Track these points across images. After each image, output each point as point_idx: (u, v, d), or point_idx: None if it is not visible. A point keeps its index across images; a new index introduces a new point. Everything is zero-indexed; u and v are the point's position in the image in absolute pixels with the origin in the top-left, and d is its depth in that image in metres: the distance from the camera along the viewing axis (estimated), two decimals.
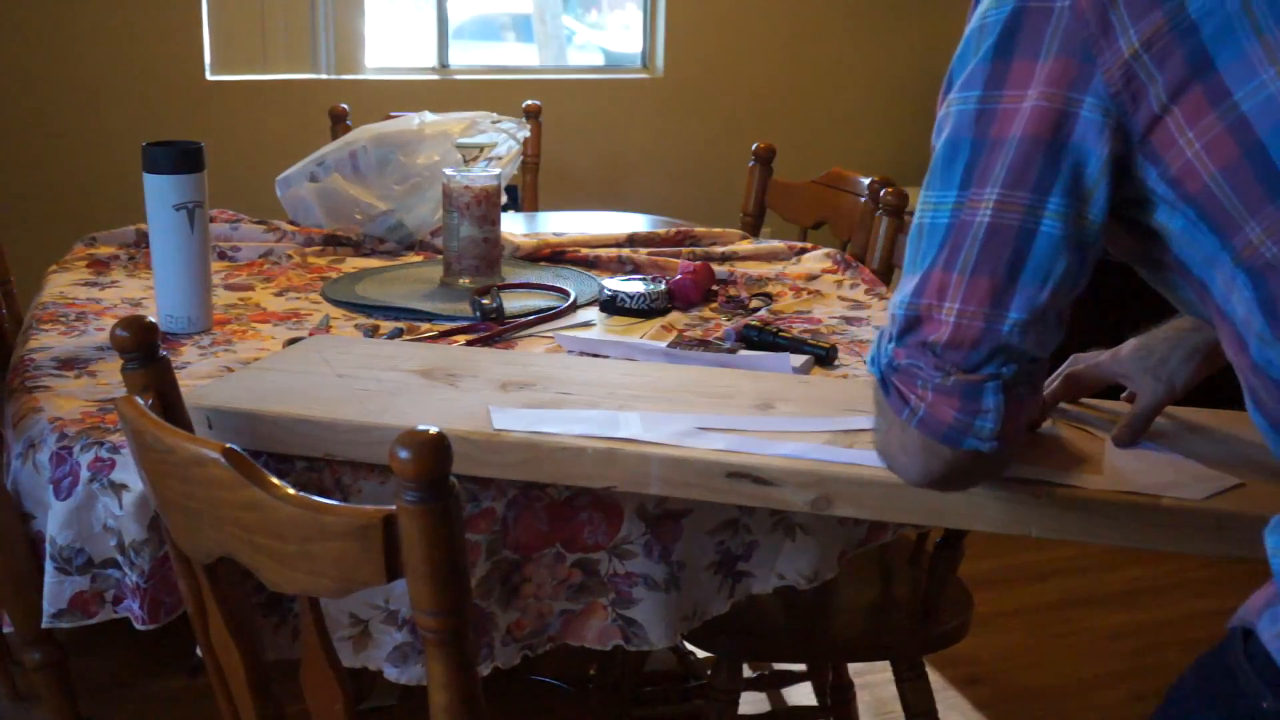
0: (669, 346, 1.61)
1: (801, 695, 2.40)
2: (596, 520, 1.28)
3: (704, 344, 1.62)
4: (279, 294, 1.87)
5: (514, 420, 1.24)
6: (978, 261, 0.95)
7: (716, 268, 1.97)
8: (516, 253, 2.10)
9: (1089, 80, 0.92)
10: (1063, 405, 1.30)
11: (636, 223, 2.55)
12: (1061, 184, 0.93)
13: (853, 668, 2.21)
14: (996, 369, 0.97)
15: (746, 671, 2.10)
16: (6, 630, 1.36)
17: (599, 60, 4.48)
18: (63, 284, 1.89)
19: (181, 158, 1.64)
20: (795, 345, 1.59)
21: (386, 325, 1.70)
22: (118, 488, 1.23)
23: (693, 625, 1.35)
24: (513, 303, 1.79)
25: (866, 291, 1.94)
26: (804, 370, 1.52)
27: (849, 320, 1.79)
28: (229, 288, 1.89)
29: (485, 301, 1.75)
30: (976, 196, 0.95)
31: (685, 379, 1.40)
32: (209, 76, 3.67)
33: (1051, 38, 0.93)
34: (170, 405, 1.16)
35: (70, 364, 1.50)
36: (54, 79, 3.50)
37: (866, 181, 2.26)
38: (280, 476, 0.99)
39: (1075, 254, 0.95)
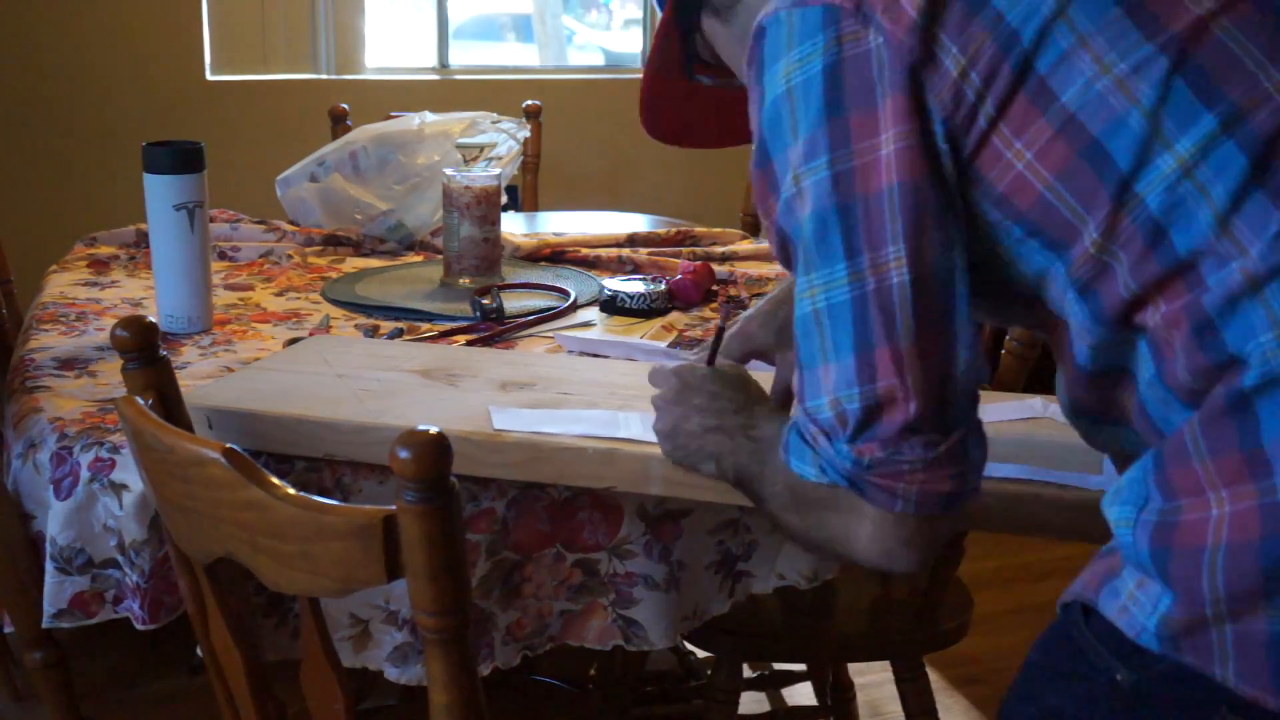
0: (669, 346, 1.61)
1: (801, 695, 2.40)
2: (596, 520, 1.28)
3: (704, 344, 1.62)
4: (279, 294, 1.87)
5: (514, 420, 1.24)
6: (918, 320, 0.89)
7: (716, 268, 1.97)
8: (516, 253, 2.10)
9: (927, 109, 0.89)
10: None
11: (636, 223, 2.55)
12: (951, 215, 0.90)
13: (853, 668, 2.21)
14: (968, 418, 0.93)
15: (746, 671, 2.10)
16: (7, 630, 1.36)
17: (599, 60, 4.48)
18: (63, 284, 1.89)
19: (181, 158, 1.64)
20: None
21: (386, 325, 1.70)
22: (118, 488, 1.23)
23: (693, 625, 1.35)
24: (513, 303, 1.79)
25: None
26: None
27: None
28: (229, 288, 1.89)
29: (485, 301, 1.75)
30: (880, 259, 0.89)
31: None
32: (209, 76, 3.67)
33: (879, 78, 0.89)
34: (170, 405, 1.16)
35: (70, 364, 1.50)
36: (54, 79, 3.50)
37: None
38: (280, 476, 0.99)
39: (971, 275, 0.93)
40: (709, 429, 1.10)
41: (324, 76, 3.81)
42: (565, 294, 1.84)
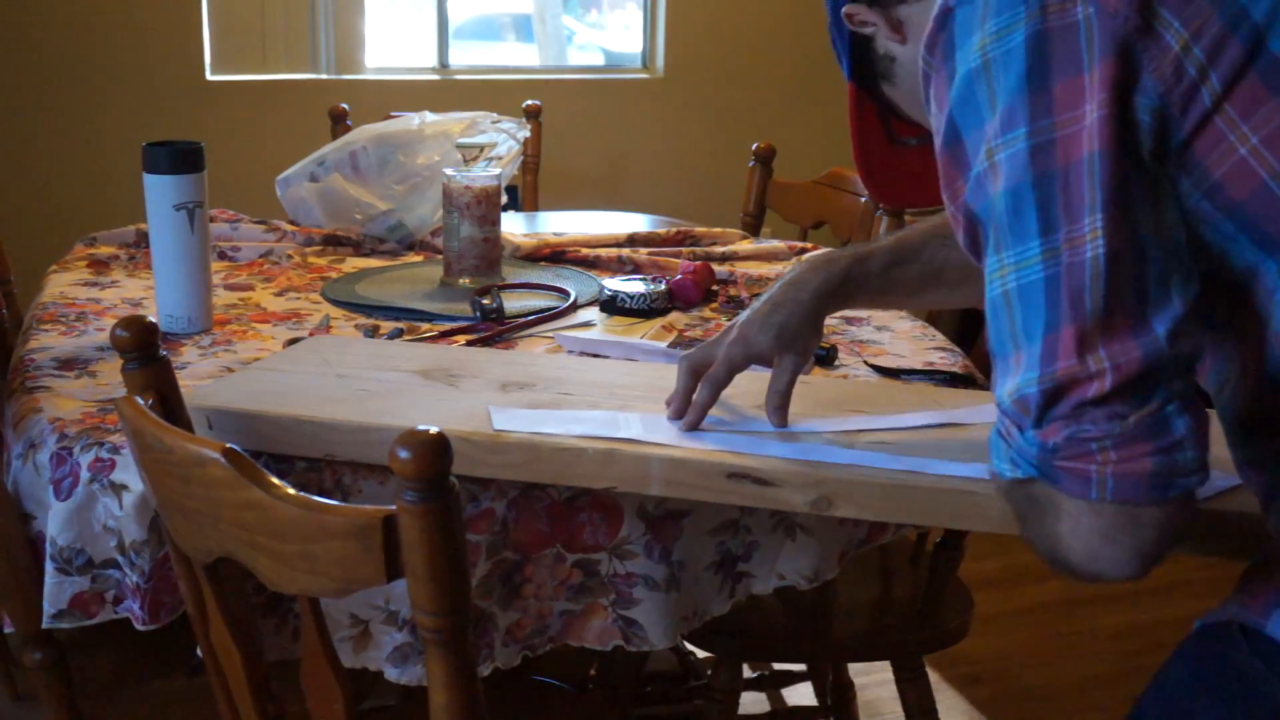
0: (669, 346, 1.60)
1: (801, 695, 2.40)
2: (597, 520, 1.28)
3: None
4: (279, 294, 1.87)
5: (514, 421, 1.24)
6: (1108, 296, 0.83)
7: (716, 268, 1.97)
8: (516, 253, 2.10)
9: (1138, 79, 0.84)
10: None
11: (636, 223, 2.55)
12: (1146, 190, 0.85)
13: (853, 668, 2.21)
14: (1169, 390, 0.84)
15: (746, 671, 2.10)
16: (7, 630, 1.36)
17: (599, 60, 4.48)
18: (63, 284, 1.89)
19: (181, 158, 1.64)
20: None
21: (387, 325, 1.70)
22: (118, 488, 1.23)
23: (693, 625, 1.35)
24: (513, 303, 1.79)
25: None
26: (805, 371, 1.52)
27: (849, 320, 1.79)
28: (229, 288, 1.89)
29: (485, 301, 1.75)
30: (1075, 233, 0.84)
31: None
32: (209, 76, 3.67)
33: (1088, 46, 0.84)
34: (170, 405, 1.16)
35: (70, 364, 1.50)
36: (54, 79, 3.50)
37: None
38: (280, 476, 0.99)
39: (1178, 249, 0.87)
40: None
41: (324, 76, 3.81)
42: (565, 294, 1.84)
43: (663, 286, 1.82)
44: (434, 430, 0.87)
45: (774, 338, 1.25)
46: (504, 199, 1.98)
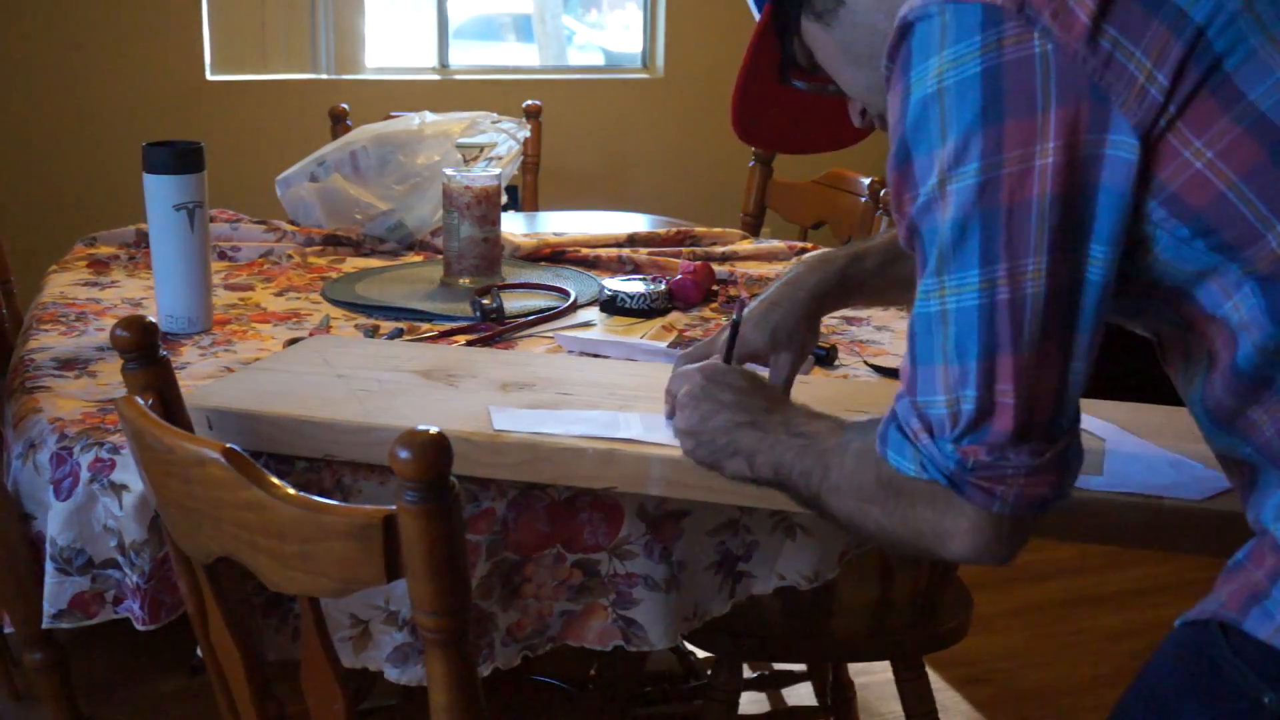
0: (669, 346, 1.60)
1: (801, 695, 2.40)
2: (597, 520, 1.28)
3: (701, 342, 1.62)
4: (279, 294, 1.87)
5: (514, 421, 1.24)
6: (1043, 332, 0.88)
7: (716, 268, 1.97)
8: (516, 253, 2.10)
9: (1106, 119, 0.85)
10: None
11: (636, 223, 2.55)
12: (1101, 231, 0.87)
13: (853, 668, 2.21)
14: (1073, 424, 0.92)
15: (746, 671, 2.10)
16: (7, 630, 1.36)
17: (599, 60, 4.48)
18: (63, 284, 1.89)
19: (181, 158, 1.64)
20: None
21: (387, 325, 1.70)
22: (118, 488, 1.23)
23: (693, 625, 1.35)
24: (513, 303, 1.79)
25: None
26: (804, 370, 1.52)
27: (849, 320, 1.79)
28: (229, 288, 1.89)
29: (485, 301, 1.75)
30: (1018, 269, 0.87)
31: None
32: (209, 76, 3.67)
33: (1044, 87, 0.85)
34: (170, 405, 1.16)
35: (70, 364, 1.50)
36: (54, 79, 3.50)
37: (866, 181, 2.26)
38: (280, 476, 0.99)
39: (1111, 282, 0.90)
40: (739, 424, 1.09)
41: (324, 76, 3.81)
42: (565, 294, 1.84)
43: (663, 286, 1.82)
44: (434, 430, 0.87)
45: (769, 336, 1.25)
46: (504, 199, 1.98)
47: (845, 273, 1.28)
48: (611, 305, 1.80)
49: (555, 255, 2.11)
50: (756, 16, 1.12)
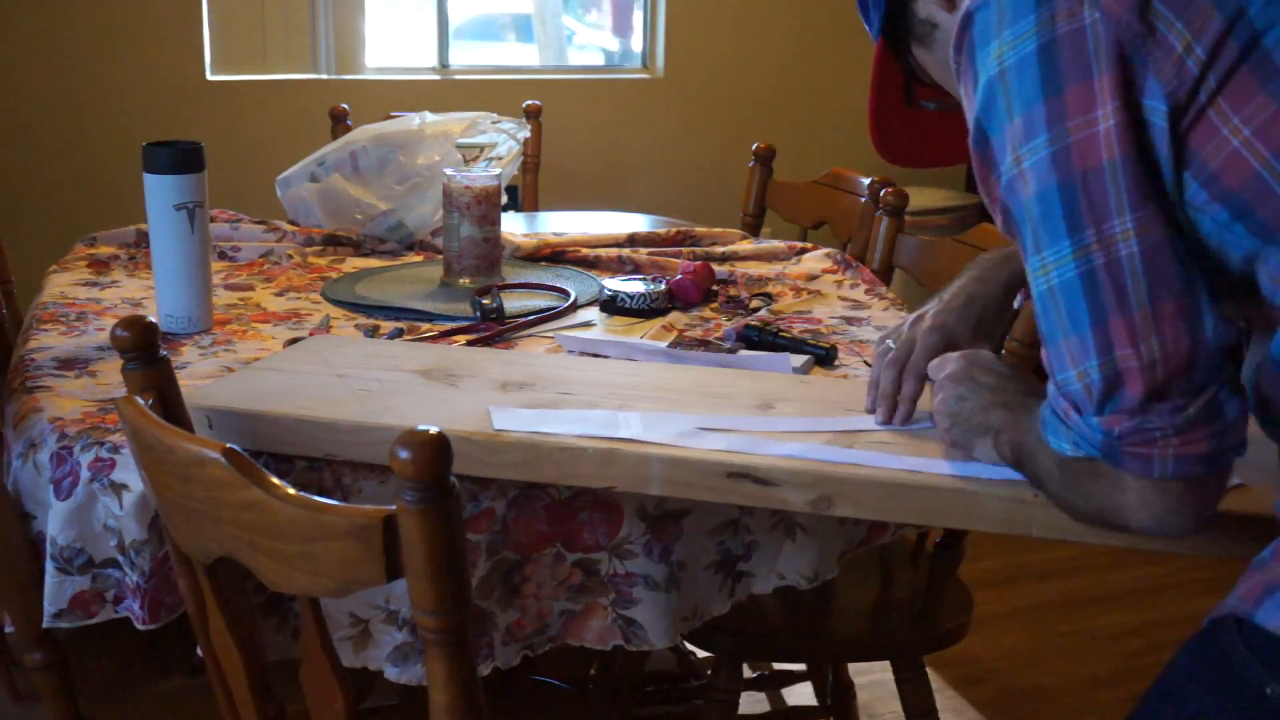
0: (669, 346, 1.61)
1: (801, 695, 2.40)
2: (596, 520, 1.28)
3: (704, 344, 1.62)
4: (279, 294, 1.87)
5: (514, 420, 1.24)
6: (1152, 289, 0.89)
7: (716, 268, 1.97)
8: (516, 253, 2.10)
9: (1144, 84, 0.89)
10: None
11: (636, 223, 2.55)
12: (1165, 189, 0.90)
13: (853, 668, 2.21)
14: (1220, 376, 0.91)
15: (746, 671, 2.10)
16: (7, 630, 1.36)
17: (599, 60, 4.48)
18: (63, 284, 1.89)
19: (181, 158, 1.64)
20: (795, 345, 1.59)
21: (387, 325, 1.70)
22: (118, 488, 1.23)
23: (693, 625, 1.35)
24: (513, 303, 1.79)
25: (866, 291, 1.94)
26: (804, 370, 1.52)
27: (849, 320, 1.79)
28: (229, 288, 1.89)
29: (485, 301, 1.75)
30: (1105, 233, 0.89)
31: (685, 379, 1.40)
32: (209, 76, 3.67)
33: (1096, 53, 0.89)
34: (170, 405, 1.16)
35: (70, 364, 1.50)
36: (54, 79, 3.50)
37: (866, 181, 2.26)
38: (280, 476, 0.99)
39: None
40: (994, 405, 1.10)
41: (324, 76, 3.81)
42: (565, 294, 1.84)
43: (663, 286, 1.82)
44: (434, 430, 0.87)
45: (972, 328, 1.28)
46: (504, 199, 1.98)
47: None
48: (611, 305, 1.80)
49: (555, 255, 2.11)
50: (874, 42, 1.19)
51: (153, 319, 1.17)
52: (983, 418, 1.11)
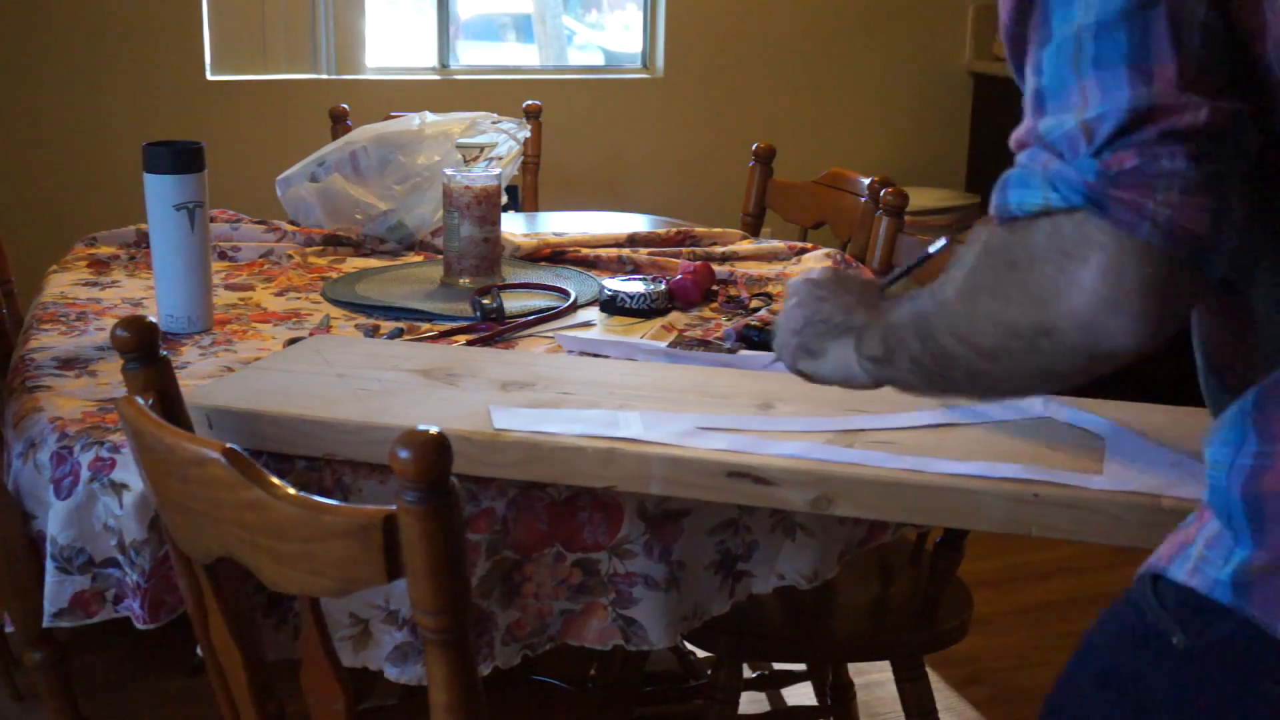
0: (669, 346, 1.61)
1: (801, 695, 2.40)
2: (597, 520, 1.28)
3: (704, 344, 1.62)
4: (279, 294, 1.87)
5: (514, 420, 1.24)
6: (1203, 59, 0.78)
7: (716, 268, 1.97)
8: (517, 253, 2.10)
9: None
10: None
11: (636, 223, 2.55)
12: None
13: (853, 668, 2.21)
14: (1243, 158, 0.79)
15: (746, 671, 2.10)
16: (7, 630, 1.36)
17: (599, 60, 4.48)
18: (63, 284, 1.89)
19: (181, 158, 1.64)
20: None
21: (387, 325, 1.70)
22: (118, 487, 1.23)
23: (693, 625, 1.35)
24: (513, 303, 1.79)
25: None
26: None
27: None
28: (229, 288, 1.89)
29: (485, 301, 1.75)
30: None
31: (685, 379, 1.40)
32: (209, 76, 3.67)
33: None
34: (170, 405, 1.16)
35: (71, 364, 1.50)
36: (54, 79, 3.50)
37: (866, 181, 2.26)
38: (280, 476, 0.99)
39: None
40: (856, 306, 1.02)
41: (324, 76, 3.81)
42: (565, 294, 1.84)
43: (663, 286, 1.82)
44: (434, 430, 0.87)
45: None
46: (504, 199, 1.98)
47: None
48: (611, 305, 1.80)
49: (555, 255, 2.11)
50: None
51: (153, 319, 1.17)
52: (843, 319, 1.02)
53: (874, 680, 2.42)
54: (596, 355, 1.58)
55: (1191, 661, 0.83)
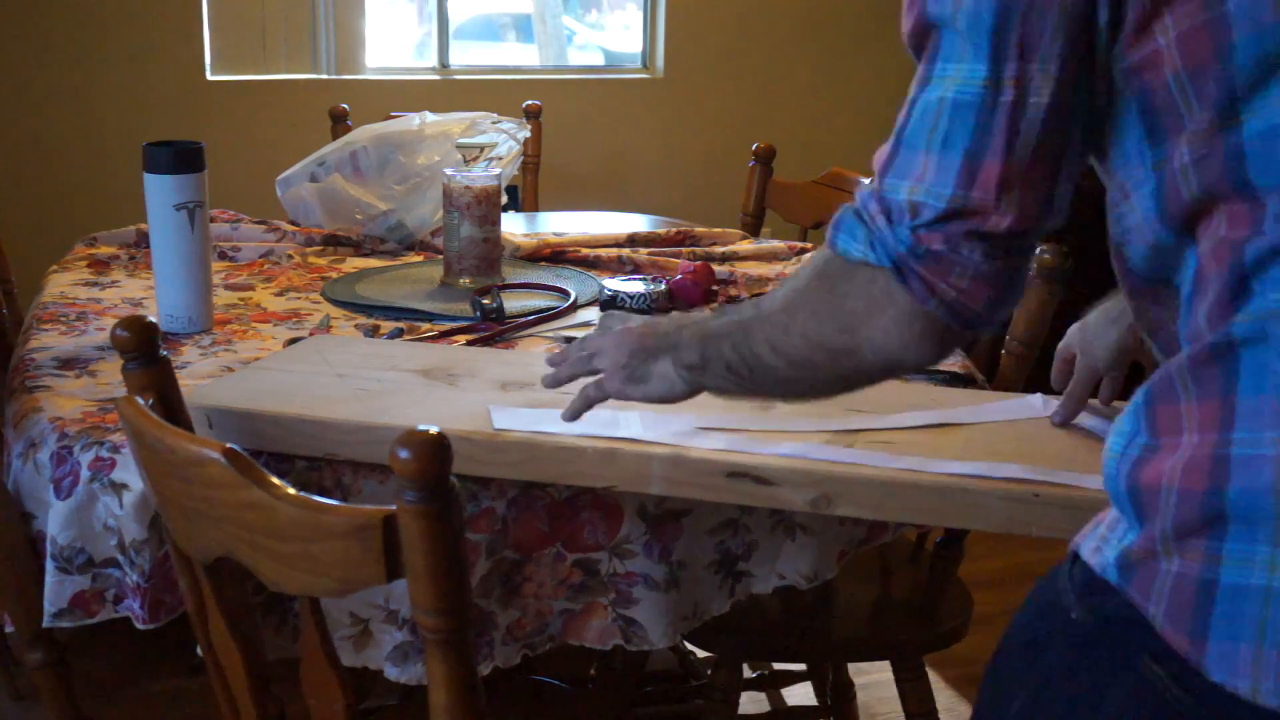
0: None
1: (801, 695, 2.40)
2: (596, 520, 1.28)
3: None
4: (279, 294, 1.87)
5: (514, 420, 1.24)
6: (1038, 147, 0.87)
7: (716, 268, 1.97)
8: (517, 253, 2.10)
9: None
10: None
11: (636, 223, 2.55)
12: (1093, 57, 0.87)
13: (853, 668, 2.21)
14: (1030, 250, 0.92)
15: (746, 671, 2.10)
16: (7, 630, 1.36)
17: (599, 60, 4.48)
18: (63, 284, 1.89)
19: (181, 158, 1.64)
20: None
21: (387, 325, 1.70)
22: (118, 487, 1.23)
23: (693, 625, 1.35)
24: (513, 303, 1.79)
25: None
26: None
27: None
28: (229, 288, 1.89)
29: (485, 301, 1.75)
30: (1027, 73, 0.86)
31: None
32: (209, 76, 3.67)
33: None
34: (170, 405, 1.16)
35: (71, 364, 1.50)
36: (54, 79, 3.50)
37: (866, 182, 2.25)
38: (280, 476, 0.99)
39: (1095, 121, 0.91)
40: (681, 327, 1.10)
41: (324, 76, 3.81)
42: (565, 294, 1.84)
43: (663, 286, 1.82)
44: (434, 430, 0.87)
45: (1109, 349, 1.29)
46: (504, 199, 1.98)
47: None
48: (611, 305, 1.80)
49: (555, 255, 2.11)
50: None
51: (153, 319, 1.17)
52: (660, 340, 1.10)
53: (874, 680, 2.42)
54: None
55: (1084, 636, 0.87)
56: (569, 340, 1.62)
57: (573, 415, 1.21)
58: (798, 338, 0.99)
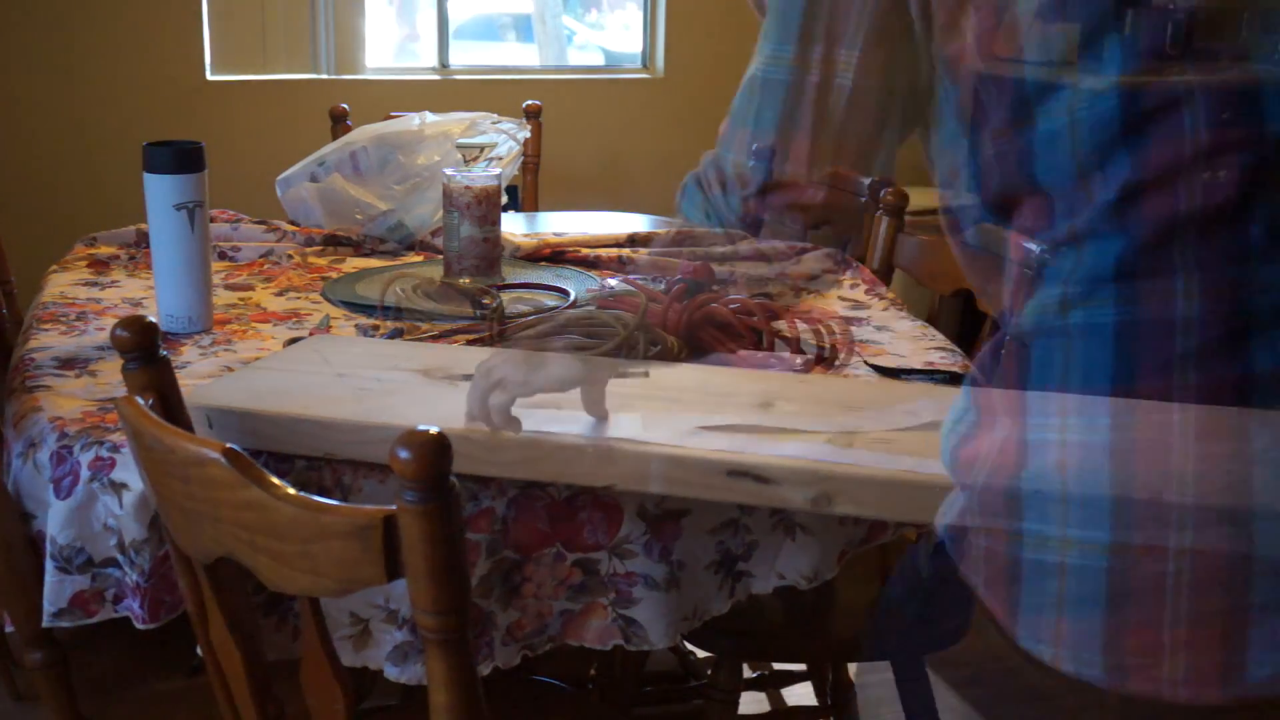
0: None
1: (801, 695, 2.39)
2: (596, 520, 1.28)
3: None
4: (279, 294, 1.87)
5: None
6: (847, 126, 0.93)
7: (716, 268, 1.97)
8: (517, 253, 2.10)
9: None
10: None
11: (636, 223, 2.55)
12: (910, 34, 0.90)
13: (853, 668, 2.21)
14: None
15: (746, 671, 2.10)
16: (7, 630, 1.36)
17: (599, 60, 4.48)
18: (63, 284, 1.89)
19: (181, 158, 1.64)
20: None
21: (386, 325, 1.70)
22: (118, 487, 1.23)
23: (693, 625, 1.35)
24: (513, 303, 1.78)
25: (866, 291, 1.94)
26: (803, 369, 1.52)
27: (849, 320, 1.79)
28: (229, 288, 1.89)
29: (485, 301, 1.75)
30: (832, 56, 0.91)
31: (685, 379, 1.40)
32: (209, 76, 3.67)
33: None
34: (170, 405, 1.16)
35: (70, 364, 1.50)
36: (54, 79, 3.50)
37: (866, 182, 2.26)
38: (280, 476, 0.99)
39: (921, 95, 0.95)
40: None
41: (324, 76, 3.81)
42: (565, 294, 1.84)
43: (662, 287, 1.82)
44: (434, 430, 0.87)
45: None
46: (504, 199, 1.98)
47: None
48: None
49: (555, 255, 2.11)
50: None
51: (153, 319, 1.17)
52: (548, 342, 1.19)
53: (874, 680, 2.42)
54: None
55: (929, 593, 0.98)
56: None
57: (484, 421, 1.22)
58: None
